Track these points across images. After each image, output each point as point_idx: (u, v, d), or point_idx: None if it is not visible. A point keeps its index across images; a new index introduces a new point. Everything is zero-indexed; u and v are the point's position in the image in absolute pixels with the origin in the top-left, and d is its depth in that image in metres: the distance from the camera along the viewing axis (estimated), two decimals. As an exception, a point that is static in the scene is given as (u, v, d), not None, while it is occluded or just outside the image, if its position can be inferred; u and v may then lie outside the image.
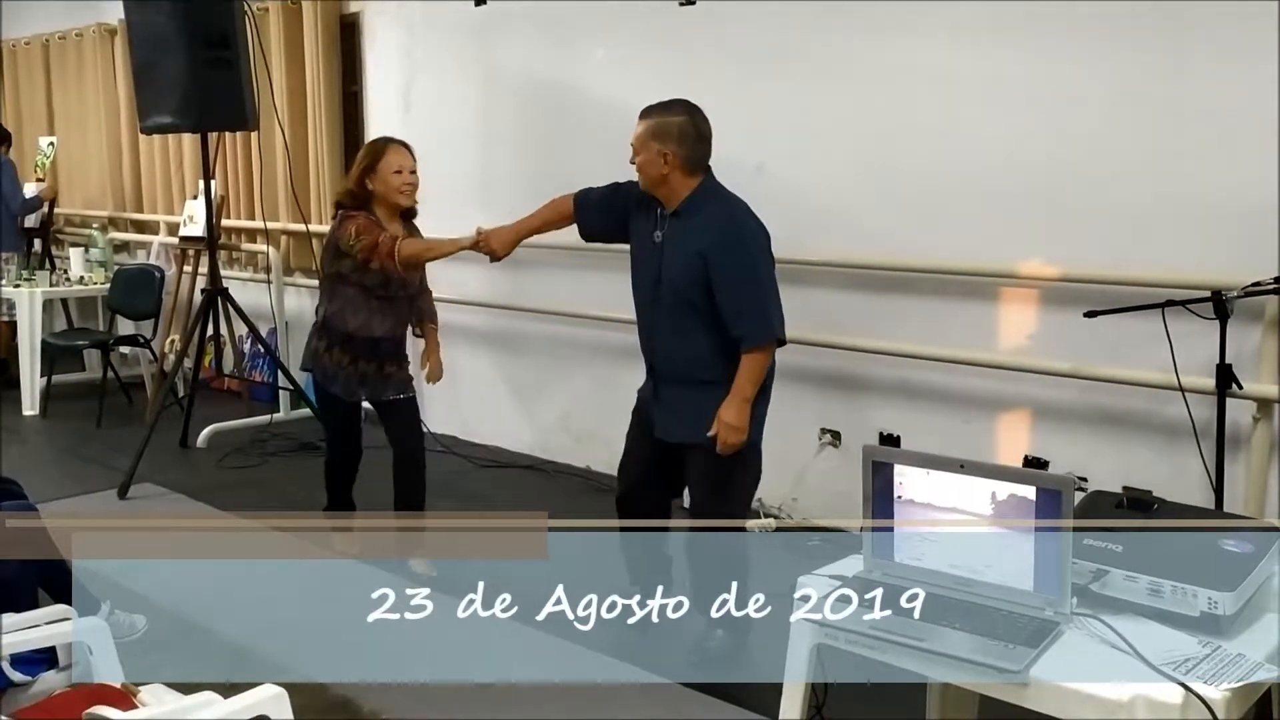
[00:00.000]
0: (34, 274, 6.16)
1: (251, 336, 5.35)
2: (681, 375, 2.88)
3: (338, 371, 3.54)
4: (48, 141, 7.06)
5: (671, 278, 2.81)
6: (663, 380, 2.95)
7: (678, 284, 2.80)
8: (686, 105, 2.89)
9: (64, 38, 7.33)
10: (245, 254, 6.19)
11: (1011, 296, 3.52)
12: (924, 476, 1.74)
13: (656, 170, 2.82)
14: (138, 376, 6.29)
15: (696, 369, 2.85)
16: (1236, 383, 2.85)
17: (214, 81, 4.41)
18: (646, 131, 2.83)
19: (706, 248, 2.76)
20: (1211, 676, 1.47)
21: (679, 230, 2.83)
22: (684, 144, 2.80)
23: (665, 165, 2.80)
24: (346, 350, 3.52)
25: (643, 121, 2.86)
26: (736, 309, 2.76)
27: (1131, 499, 1.91)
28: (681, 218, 2.83)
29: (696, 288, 2.77)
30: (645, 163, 2.83)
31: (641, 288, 2.94)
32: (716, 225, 2.80)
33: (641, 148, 2.84)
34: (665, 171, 2.81)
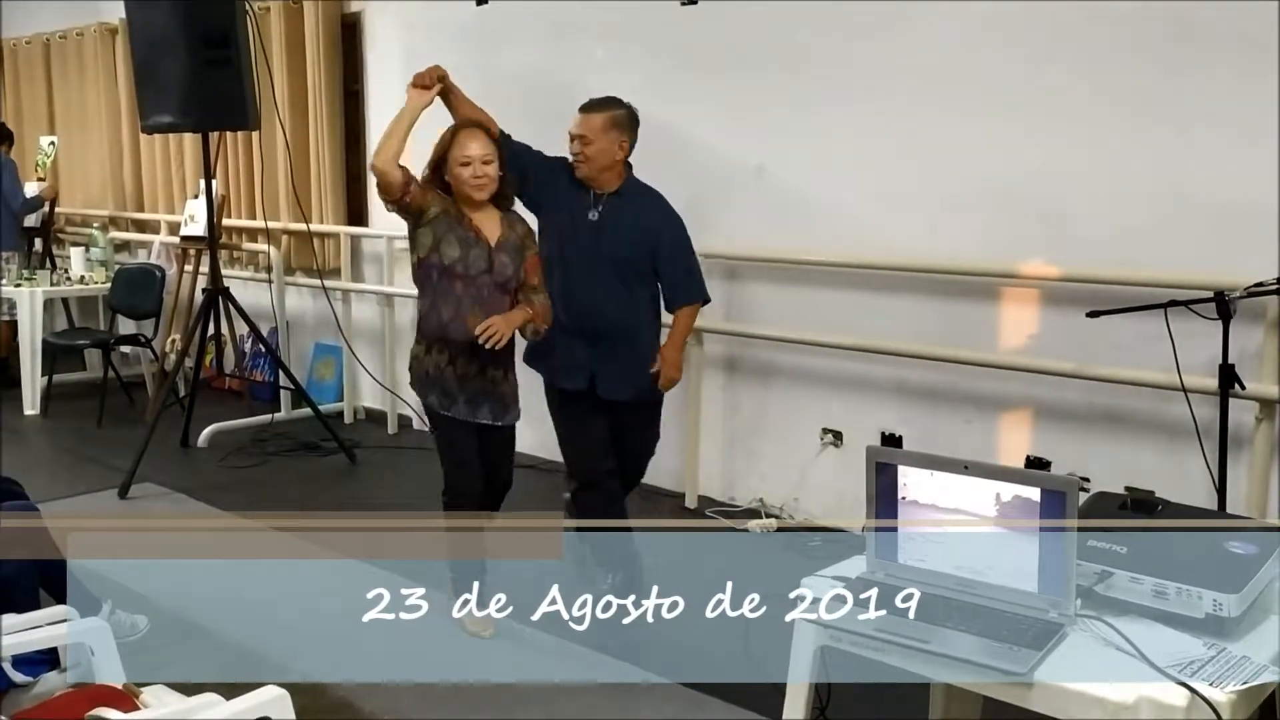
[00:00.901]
0: (35, 273, 6.15)
1: (252, 336, 5.35)
2: (628, 336, 3.20)
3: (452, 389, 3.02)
4: (48, 141, 7.06)
5: (618, 250, 3.15)
6: (605, 343, 3.19)
7: (627, 255, 3.16)
8: (624, 101, 3.24)
9: (65, 37, 7.32)
10: (246, 253, 6.19)
11: (1013, 296, 3.52)
12: (928, 477, 1.74)
13: (609, 158, 3.15)
14: (138, 376, 6.29)
15: (640, 330, 3.23)
16: (1239, 383, 2.85)
17: (215, 81, 4.41)
18: (606, 122, 3.14)
19: (654, 225, 3.21)
20: (1217, 679, 1.47)
21: (620, 209, 3.18)
22: (633, 134, 3.20)
23: (619, 153, 3.17)
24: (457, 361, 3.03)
25: (597, 114, 3.15)
26: (677, 275, 3.26)
27: (1136, 500, 1.90)
28: (623, 198, 3.19)
29: (644, 259, 3.18)
30: (600, 151, 3.13)
31: (577, 260, 3.18)
32: (659, 206, 3.25)
33: (597, 137, 3.13)
34: (619, 158, 3.17)
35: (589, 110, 3.18)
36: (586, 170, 3.17)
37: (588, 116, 3.16)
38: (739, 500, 4.27)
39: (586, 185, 3.19)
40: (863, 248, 3.80)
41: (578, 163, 3.17)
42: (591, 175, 3.17)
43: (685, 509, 4.30)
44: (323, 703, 2.72)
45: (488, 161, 2.93)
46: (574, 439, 3.26)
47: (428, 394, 3.03)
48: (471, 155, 2.92)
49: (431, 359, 2.99)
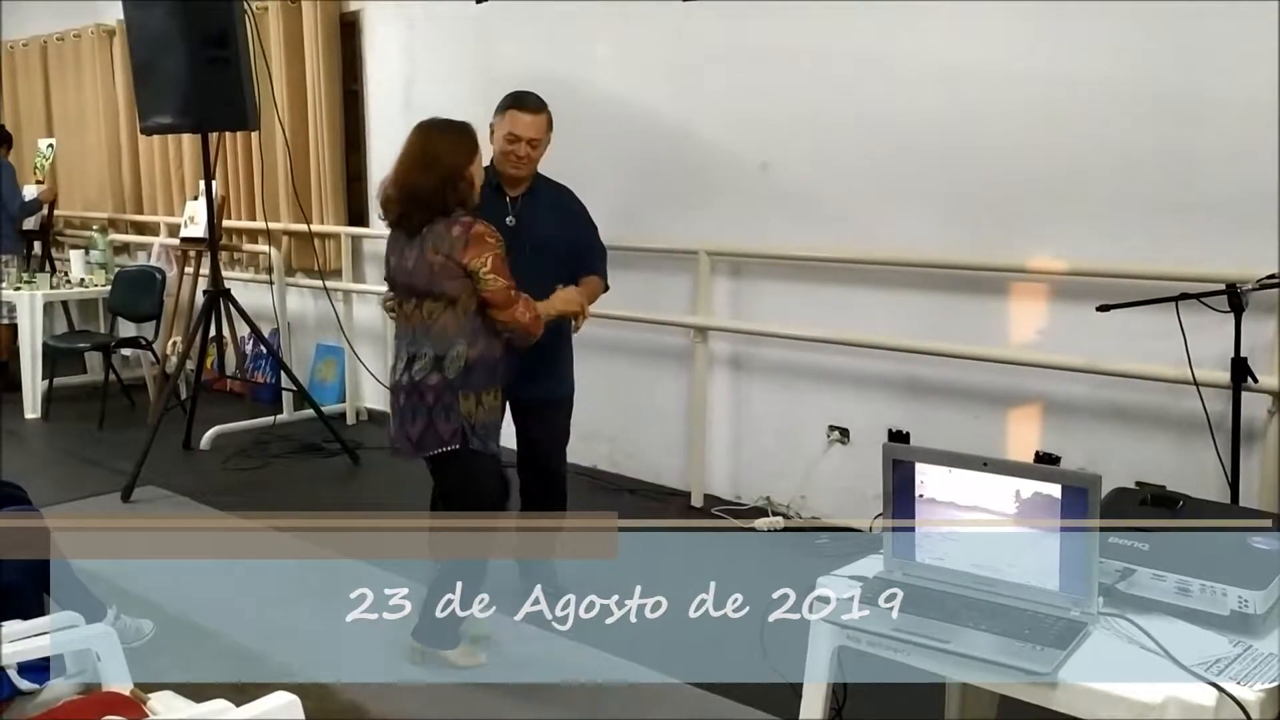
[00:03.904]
0: (34, 276, 6.13)
1: (253, 337, 5.33)
2: (551, 335, 3.08)
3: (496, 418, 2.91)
4: (47, 143, 7.03)
5: (538, 249, 3.06)
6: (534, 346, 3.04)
7: (552, 251, 3.11)
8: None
9: (62, 39, 7.29)
10: (246, 254, 6.16)
11: (1023, 291, 3.50)
12: (946, 475, 1.71)
13: (540, 157, 3.12)
14: (140, 378, 6.26)
15: (561, 327, 3.17)
16: (1252, 376, 2.83)
17: (214, 81, 4.38)
18: (548, 121, 3.11)
19: (570, 215, 3.21)
20: (1244, 677, 1.44)
21: (536, 207, 3.14)
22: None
23: (545, 151, 3.13)
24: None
25: (543, 113, 3.10)
26: (595, 258, 3.25)
27: (1156, 496, 1.88)
28: (538, 195, 3.16)
29: (562, 250, 3.15)
30: (539, 153, 3.11)
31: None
32: (572, 198, 3.25)
33: (544, 137, 3.10)
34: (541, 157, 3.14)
35: (535, 110, 3.08)
36: (524, 172, 3.10)
37: (536, 117, 3.07)
38: (745, 498, 4.25)
39: (502, 191, 3.11)
40: (868, 243, 3.78)
41: (518, 165, 3.07)
42: (525, 177, 3.12)
43: (692, 508, 4.27)
44: (331, 705, 2.70)
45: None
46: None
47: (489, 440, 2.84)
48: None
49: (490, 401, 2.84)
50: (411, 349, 2.79)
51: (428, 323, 2.75)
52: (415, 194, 2.73)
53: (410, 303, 2.78)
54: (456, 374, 2.73)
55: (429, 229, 2.72)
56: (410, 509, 4.25)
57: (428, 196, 2.72)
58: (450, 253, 2.68)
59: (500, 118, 3.09)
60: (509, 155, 3.07)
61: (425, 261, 2.72)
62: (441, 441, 2.75)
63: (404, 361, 2.80)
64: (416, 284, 2.75)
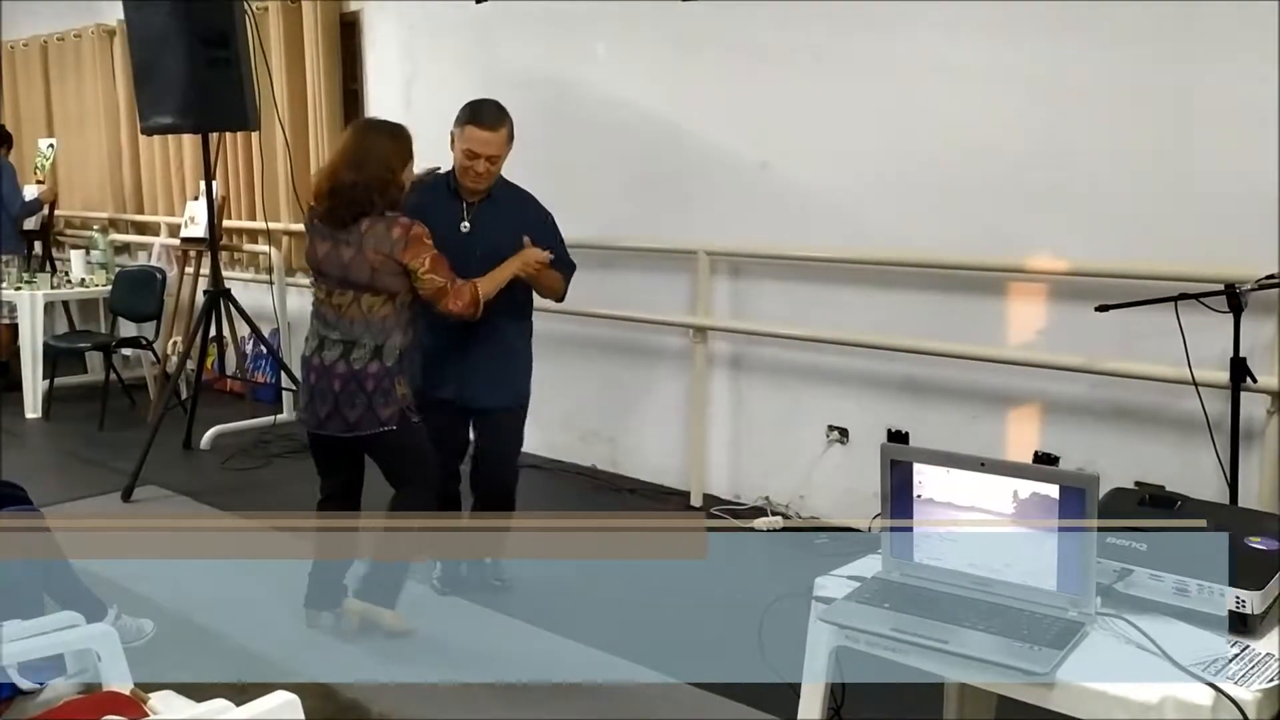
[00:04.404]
0: (35, 276, 6.13)
1: (254, 337, 5.33)
2: (505, 340, 3.16)
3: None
4: (47, 143, 7.04)
5: (491, 254, 3.04)
6: (484, 351, 3.14)
7: (501, 257, 3.04)
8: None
9: (63, 39, 7.30)
10: (247, 254, 6.17)
11: (1021, 291, 3.50)
12: (944, 475, 1.72)
13: (500, 168, 3.08)
14: (140, 378, 6.26)
15: (515, 332, 3.21)
16: (1251, 376, 2.83)
17: (214, 81, 4.39)
18: (507, 135, 3.05)
19: (529, 218, 3.14)
20: (1242, 677, 1.45)
21: (493, 213, 3.11)
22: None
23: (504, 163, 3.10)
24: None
25: (501, 129, 3.03)
26: (562, 257, 3.18)
27: (1154, 496, 1.88)
28: (497, 202, 3.12)
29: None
30: (499, 167, 3.07)
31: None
32: (531, 202, 3.20)
33: (502, 152, 3.05)
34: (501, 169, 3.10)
35: (493, 126, 3.00)
36: (482, 185, 3.07)
37: (495, 133, 3.00)
38: (745, 498, 4.25)
39: (459, 195, 3.10)
40: (868, 243, 3.78)
41: (476, 180, 3.04)
42: (483, 189, 3.08)
43: (691, 507, 4.28)
44: (332, 704, 2.71)
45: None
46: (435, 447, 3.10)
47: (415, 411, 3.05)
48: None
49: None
50: (346, 337, 2.90)
51: (367, 316, 2.88)
52: (345, 191, 2.83)
53: (344, 294, 2.89)
54: (394, 361, 2.91)
55: (369, 229, 2.83)
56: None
57: (357, 195, 2.83)
58: (391, 253, 2.83)
59: (459, 130, 3.04)
60: (467, 170, 3.04)
61: (365, 260, 2.84)
62: (380, 423, 2.91)
63: (336, 349, 2.90)
64: (355, 279, 2.86)
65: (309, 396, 2.97)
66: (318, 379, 2.93)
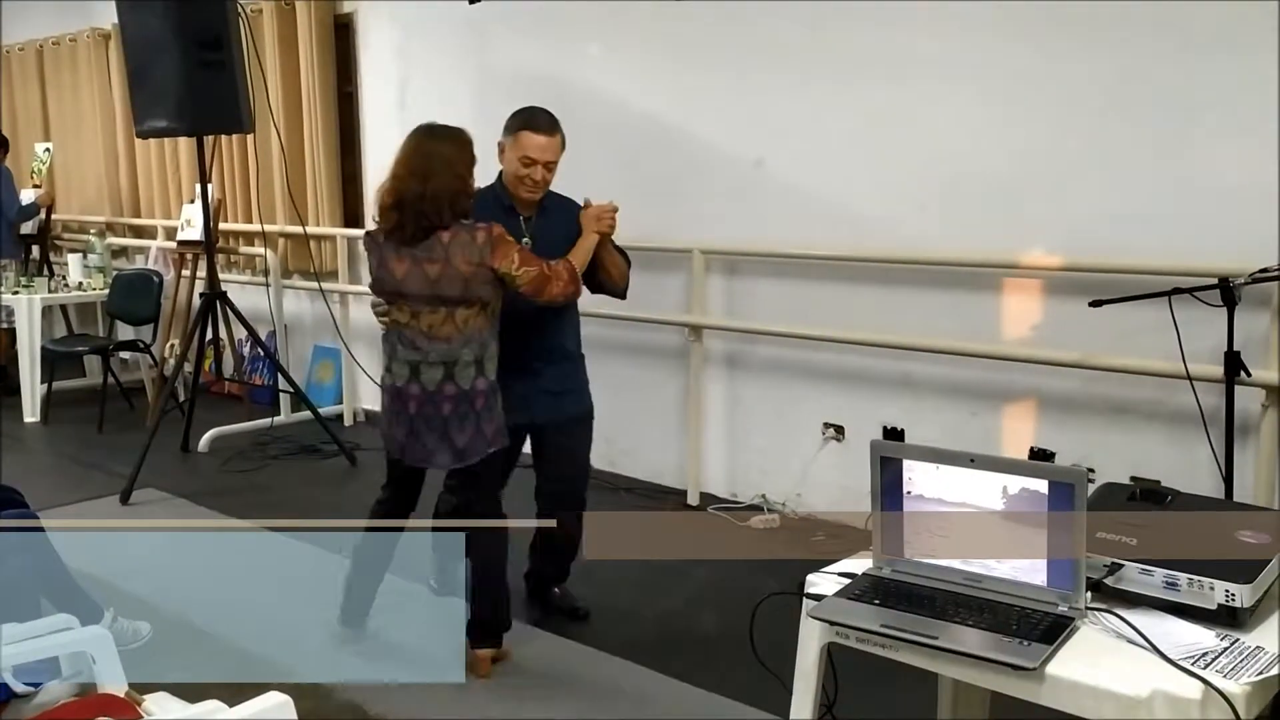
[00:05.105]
0: (32, 280, 6.13)
1: (251, 340, 5.33)
2: (569, 351, 3.08)
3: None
4: (43, 147, 7.04)
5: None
6: (552, 364, 3.04)
7: None
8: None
9: (58, 43, 7.30)
10: (243, 257, 6.17)
11: (1016, 287, 3.50)
12: (933, 471, 1.72)
13: (554, 176, 2.96)
14: (138, 381, 6.27)
15: (575, 341, 3.12)
16: (1245, 370, 2.83)
17: (208, 84, 4.39)
18: (561, 143, 2.92)
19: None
20: (1231, 670, 1.45)
21: (548, 225, 2.98)
22: None
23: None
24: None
25: (556, 134, 2.91)
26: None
27: (1145, 491, 1.88)
28: (548, 213, 3.00)
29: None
30: (554, 173, 2.94)
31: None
32: (578, 206, 3.04)
33: (557, 157, 2.93)
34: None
35: (549, 131, 2.89)
36: (539, 194, 2.94)
37: (551, 139, 2.88)
38: (741, 496, 4.25)
39: (514, 211, 2.94)
40: (863, 241, 3.78)
41: (533, 190, 2.91)
42: (538, 198, 2.95)
43: (687, 506, 4.28)
44: (329, 705, 2.71)
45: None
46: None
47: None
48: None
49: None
50: (445, 357, 2.71)
51: (463, 330, 2.71)
52: (415, 203, 2.66)
53: (435, 312, 2.71)
54: (493, 372, 2.77)
55: (453, 239, 2.67)
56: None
57: (428, 207, 2.66)
58: (482, 260, 2.68)
59: (511, 139, 2.90)
60: (523, 179, 2.89)
61: (457, 272, 2.67)
62: (488, 443, 2.77)
63: (437, 371, 2.71)
64: (448, 293, 2.69)
65: (408, 429, 2.76)
66: (419, 407, 2.74)
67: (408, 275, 2.72)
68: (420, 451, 2.78)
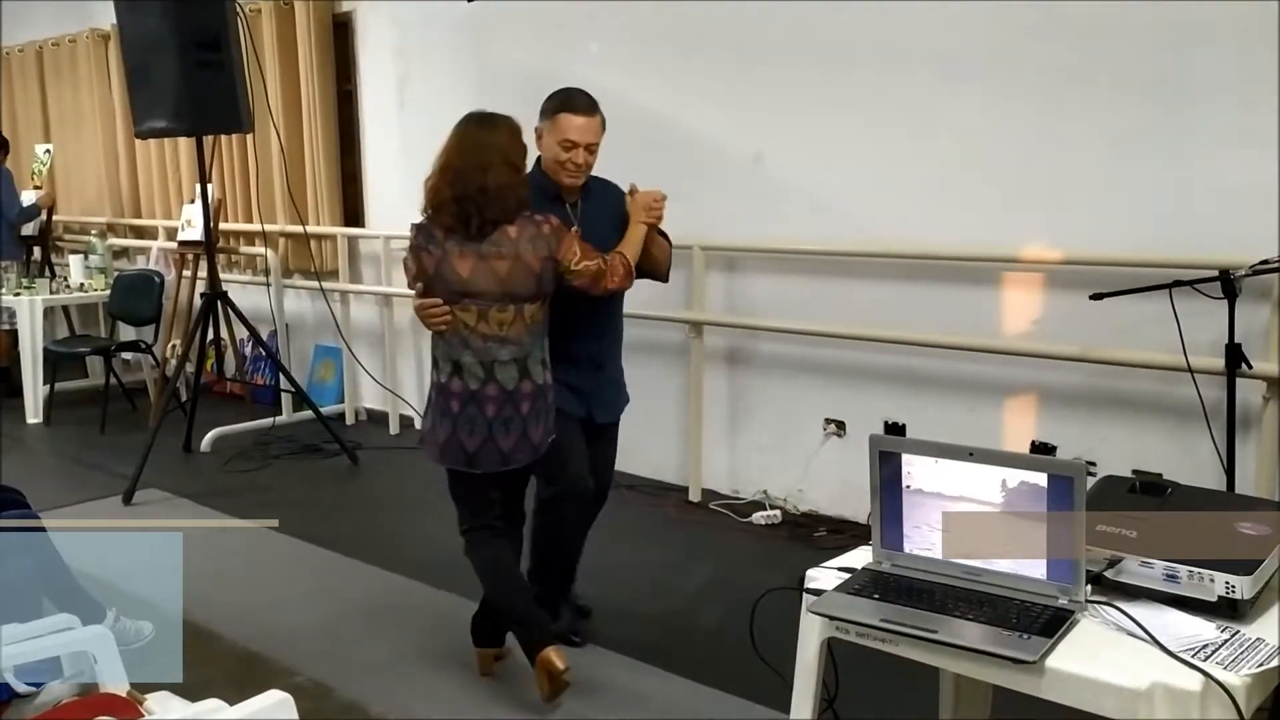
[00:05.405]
0: (34, 282, 6.15)
1: (252, 340, 5.34)
2: (615, 351, 3.00)
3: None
4: (44, 149, 7.05)
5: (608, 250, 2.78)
6: (607, 359, 2.97)
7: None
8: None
9: (58, 44, 7.31)
10: (244, 257, 6.17)
11: (1016, 281, 3.50)
12: (933, 465, 1.72)
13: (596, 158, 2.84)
14: (140, 382, 6.28)
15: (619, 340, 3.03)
16: (1246, 362, 2.83)
17: (207, 84, 4.39)
18: (601, 124, 2.82)
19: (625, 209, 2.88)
20: (1231, 662, 1.44)
21: (594, 209, 2.86)
22: None
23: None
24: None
25: (596, 114, 2.80)
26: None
27: (1145, 483, 1.88)
28: (592, 197, 2.88)
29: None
30: (595, 155, 2.82)
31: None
32: (619, 189, 2.92)
33: (599, 138, 2.81)
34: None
35: (589, 111, 2.78)
36: (581, 178, 2.82)
37: (591, 119, 2.77)
38: (743, 493, 4.25)
39: (559, 199, 2.83)
40: (862, 235, 3.78)
41: (575, 174, 2.79)
42: (581, 182, 2.83)
43: (689, 502, 4.28)
44: (331, 704, 2.71)
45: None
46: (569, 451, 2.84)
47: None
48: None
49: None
50: (518, 355, 2.60)
51: (531, 325, 2.62)
52: (476, 197, 2.52)
53: (504, 310, 2.58)
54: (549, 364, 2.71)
55: (520, 233, 2.56)
56: (411, 509, 4.27)
57: (491, 199, 2.53)
58: (549, 253, 2.59)
59: (550, 122, 2.78)
60: (565, 163, 2.77)
61: (527, 267, 2.56)
62: (551, 433, 2.71)
63: (512, 370, 2.60)
64: (519, 290, 2.58)
65: (486, 434, 2.60)
66: (498, 409, 2.60)
67: (474, 273, 2.56)
68: (496, 458, 2.62)
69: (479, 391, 2.60)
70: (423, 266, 2.61)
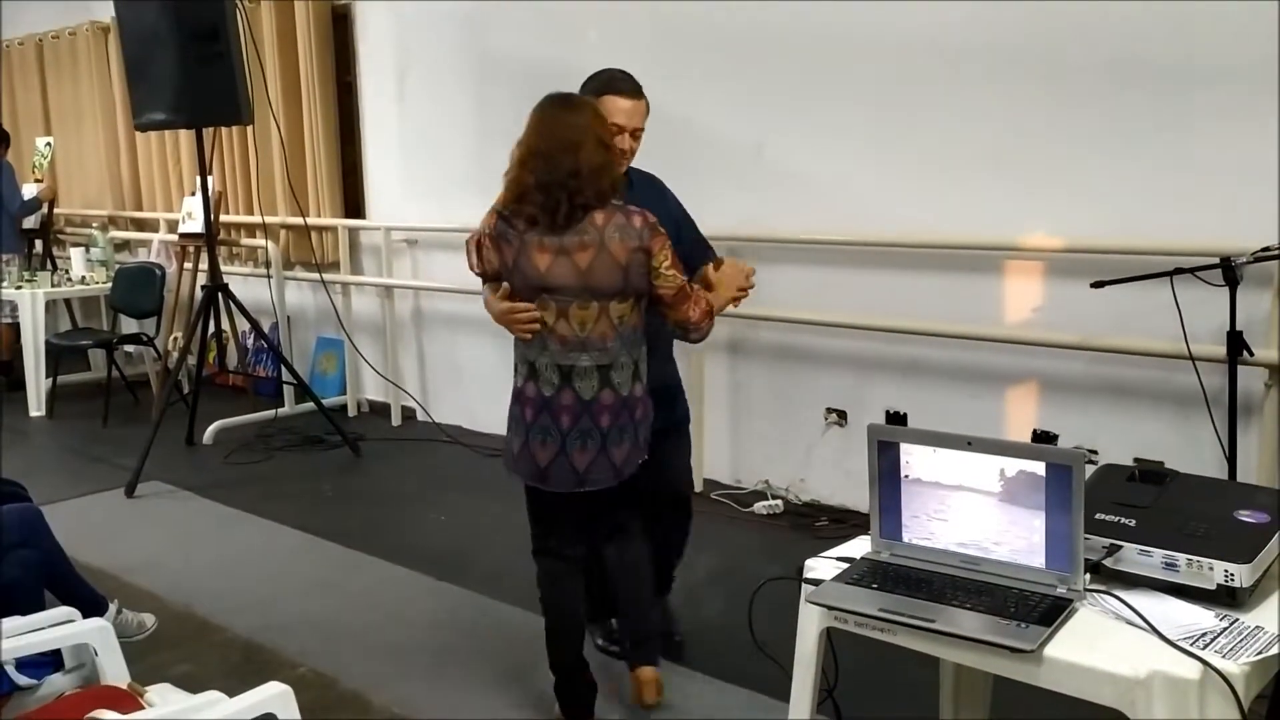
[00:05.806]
0: (35, 275, 6.16)
1: (254, 332, 5.34)
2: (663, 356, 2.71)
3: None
4: (45, 142, 7.05)
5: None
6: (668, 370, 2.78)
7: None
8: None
9: (58, 37, 7.30)
10: (245, 249, 6.18)
11: (1017, 269, 3.49)
12: (931, 454, 1.71)
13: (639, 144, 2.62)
14: (142, 375, 6.30)
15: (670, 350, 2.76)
16: (1248, 349, 2.82)
17: (207, 76, 4.38)
18: (646, 108, 2.61)
19: (674, 208, 2.72)
20: (1230, 651, 1.44)
21: (641, 202, 2.49)
22: None
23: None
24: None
25: (641, 97, 2.59)
26: (707, 249, 2.78)
27: (1144, 472, 1.87)
28: (637, 190, 2.61)
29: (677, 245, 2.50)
30: (640, 141, 2.60)
31: None
32: (663, 185, 2.75)
33: (643, 123, 2.59)
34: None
35: (634, 94, 2.58)
36: (627, 165, 2.59)
37: (637, 102, 2.57)
38: (744, 482, 4.25)
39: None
40: (864, 224, 3.77)
41: (619, 159, 2.51)
42: (624, 173, 2.56)
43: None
44: (333, 695, 2.72)
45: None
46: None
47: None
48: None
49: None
50: (600, 361, 2.34)
51: (619, 328, 2.34)
52: (565, 183, 2.27)
53: (585, 308, 2.32)
54: (645, 377, 2.42)
55: (607, 222, 2.30)
56: (413, 500, 4.28)
57: (585, 184, 2.28)
58: (640, 244, 2.30)
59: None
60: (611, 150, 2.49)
61: (613, 259, 2.29)
62: (641, 454, 2.41)
63: (592, 378, 2.33)
64: (604, 285, 2.31)
65: (559, 447, 2.35)
66: (573, 421, 2.34)
67: (554, 268, 2.31)
68: (568, 474, 2.37)
69: (553, 399, 2.35)
70: (502, 258, 2.36)
